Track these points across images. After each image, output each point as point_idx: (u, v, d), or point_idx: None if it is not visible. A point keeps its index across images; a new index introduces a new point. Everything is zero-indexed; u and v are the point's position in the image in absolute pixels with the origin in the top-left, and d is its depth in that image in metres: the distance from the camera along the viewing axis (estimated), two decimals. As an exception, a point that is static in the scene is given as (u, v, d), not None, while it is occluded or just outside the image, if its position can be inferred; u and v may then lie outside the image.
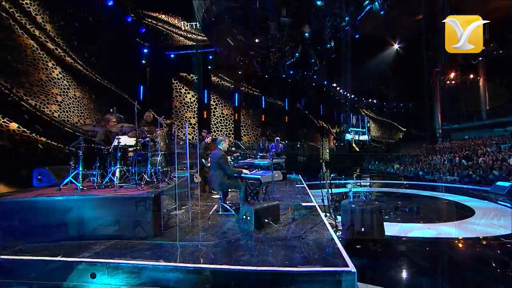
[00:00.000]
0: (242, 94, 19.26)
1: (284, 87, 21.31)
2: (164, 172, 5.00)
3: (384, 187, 10.74)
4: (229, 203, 5.68)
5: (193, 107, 17.23)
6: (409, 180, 12.98)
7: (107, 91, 11.61)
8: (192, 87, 17.15)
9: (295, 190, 7.69)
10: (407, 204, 6.84)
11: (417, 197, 7.82)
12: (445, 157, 16.67)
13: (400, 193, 9.06)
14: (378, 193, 9.41)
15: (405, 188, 10.34)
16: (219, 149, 4.75)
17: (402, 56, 25.41)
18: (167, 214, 4.40)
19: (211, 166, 4.76)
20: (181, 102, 16.89)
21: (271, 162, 4.60)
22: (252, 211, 3.90)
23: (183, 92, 16.96)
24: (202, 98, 17.65)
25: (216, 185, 4.65)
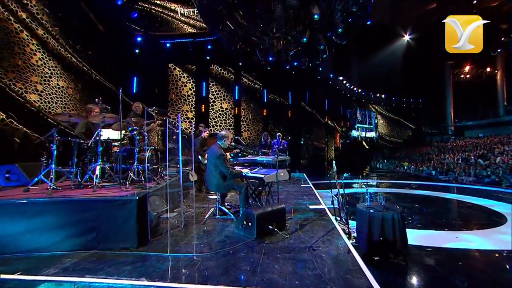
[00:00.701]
0: (243, 87, 18.67)
1: (287, 80, 20.77)
2: (154, 170, 4.59)
3: (396, 188, 10.33)
4: (227, 205, 5.34)
5: (191, 100, 16.74)
6: (422, 180, 12.56)
7: (95, 82, 11.15)
8: (190, 78, 16.64)
9: (300, 190, 7.34)
10: (426, 207, 6.41)
11: (435, 200, 7.40)
12: (459, 155, 16.22)
13: (415, 194, 8.66)
14: (389, 194, 9.00)
15: (416, 188, 9.93)
16: (218, 146, 4.34)
17: (413, 48, 24.81)
18: (157, 218, 3.99)
19: (208, 164, 4.37)
20: (177, 94, 16.39)
21: (276, 159, 4.16)
22: (253, 216, 3.48)
23: (179, 85, 16.46)
24: (200, 91, 17.13)
25: (212, 186, 4.24)
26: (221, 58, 17.21)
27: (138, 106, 5.40)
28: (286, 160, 4.77)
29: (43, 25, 8.84)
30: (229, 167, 4.24)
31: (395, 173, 16.82)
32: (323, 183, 11.63)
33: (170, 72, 16.10)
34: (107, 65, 11.60)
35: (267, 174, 4.18)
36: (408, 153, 22.69)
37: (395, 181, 12.48)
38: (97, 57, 11.04)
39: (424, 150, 21.78)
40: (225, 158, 4.20)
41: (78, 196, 3.00)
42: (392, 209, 3.57)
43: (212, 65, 17.33)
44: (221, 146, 4.35)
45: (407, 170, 17.06)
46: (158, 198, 4.19)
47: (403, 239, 3.44)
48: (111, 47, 11.87)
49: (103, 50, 11.47)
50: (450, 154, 17.39)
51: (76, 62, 10.36)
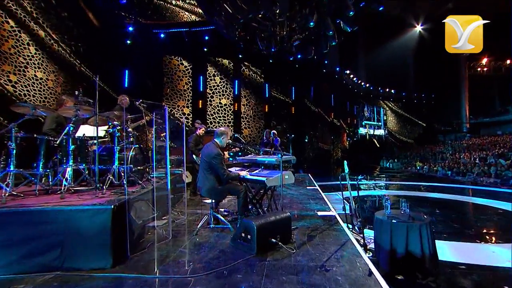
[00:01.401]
0: (243, 82, 18.24)
1: (291, 74, 20.33)
2: (140, 171, 4.17)
3: (411, 190, 9.90)
4: (224, 211, 4.93)
5: (187, 96, 16.35)
6: (437, 181, 12.10)
7: (81, 74, 10.75)
8: (186, 72, 16.23)
9: (306, 194, 6.94)
10: (449, 213, 5.97)
11: (458, 204, 6.97)
12: (475, 155, 15.73)
13: (434, 198, 8.23)
14: (404, 197, 8.59)
15: (431, 191, 9.50)
16: (214, 144, 3.92)
17: (425, 39, 24.26)
18: (141, 228, 3.58)
19: (201, 165, 3.94)
20: (172, 89, 15.99)
21: (279, 159, 3.73)
22: (253, 227, 3.06)
23: (175, 79, 16.05)
24: (197, 86, 16.72)
25: (204, 191, 3.82)
26: (220, 50, 16.84)
27: (124, 99, 4.96)
28: (291, 160, 4.33)
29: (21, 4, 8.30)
30: (226, 169, 3.82)
31: (407, 174, 16.37)
32: (330, 185, 11.26)
33: (165, 65, 15.70)
34: (95, 56, 11.21)
35: (269, 177, 3.76)
36: (420, 152, 22.23)
37: (408, 183, 12.05)
38: (85, 47, 10.66)
39: (437, 149, 21.30)
40: (222, 158, 3.78)
41: (39, 205, 2.58)
42: (419, 219, 3.14)
43: (210, 58, 16.97)
44: (218, 144, 3.93)
45: (420, 171, 16.60)
46: (145, 203, 3.78)
47: (433, 256, 3.01)
48: (101, 37, 11.48)
49: (92, 39, 11.07)
50: (466, 153, 16.92)
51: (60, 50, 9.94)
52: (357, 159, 24.43)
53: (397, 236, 3.04)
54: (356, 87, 27.26)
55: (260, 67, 18.84)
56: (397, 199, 7.43)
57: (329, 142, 23.66)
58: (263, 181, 3.73)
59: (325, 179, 13.43)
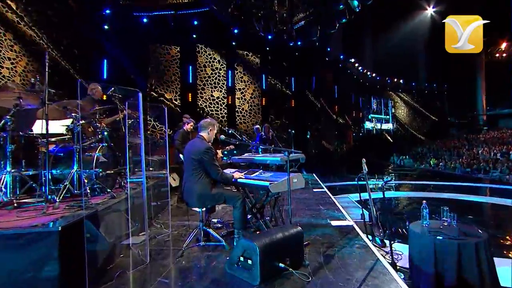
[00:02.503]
0: (238, 72, 17.78)
1: (290, 63, 19.85)
2: (111, 177, 3.57)
3: (431, 192, 9.44)
4: (217, 222, 4.39)
5: (175, 88, 15.74)
6: (458, 180, 11.64)
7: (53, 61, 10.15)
8: (174, 61, 15.62)
9: (314, 198, 6.42)
10: (487, 220, 5.47)
11: (495, 208, 6.49)
12: (496, 149, 15.33)
13: (459, 200, 7.77)
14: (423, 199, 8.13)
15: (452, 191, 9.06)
16: (201, 139, 3.37)
17: (437, 23, 23.81)
18: (109, 250, 2.99)
19: (186, 166, 3.38)
20: (158, 80, 15.38)
21: (286, 158, 3.16)
22: (256, 249, 2.50)
23: (161, 70, 15.43)
24: (186, 77, 16.12)
25: (193, 198, 3.25)
26: (211, 37, 16.33)
27: (96, 89, 4.36)
28: (300, 159, 3.76)
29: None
30: (219, 168, 3.27)
31: (422, 172, 15.97)
32: (339, 186, 10.83)
33: (150, 54, 15.08)
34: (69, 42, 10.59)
35: (273, 181, 3.20)
36: (432, 148, 21.87)
37: (426, 182, 11.60)
38: (58, 31, 10.11)
39: (451, 144, 20.95)
40: (214, 153, 3.26)
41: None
42: (473, 234, 2.59)
43: (200, 46, 16.49)
44: (206, 138, 3.37)
45: (435, 168, 16.19)
46: (119, 216, 3.21)
47: (494, 283, 2.46)
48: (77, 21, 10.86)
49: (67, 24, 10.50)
50: (485, 148, 16.54)
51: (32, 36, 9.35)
52: (363, 156, 24.03)
53: (445, 257, 2.49)
54: (361, 77, 26.90)
55: (256, 56, 18.41)
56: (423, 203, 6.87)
57: (333, 138, 23.23)
58: (266, 186, 3.16)
59: (330, 179, 13.01)
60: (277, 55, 18.85)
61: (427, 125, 30.17)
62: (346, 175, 16.41)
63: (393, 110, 30.24)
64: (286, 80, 20.14)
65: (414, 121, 30.77)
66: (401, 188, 10.77)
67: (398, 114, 30.49)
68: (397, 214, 6.49)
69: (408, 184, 11.70)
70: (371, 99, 29.14)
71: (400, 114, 30.60)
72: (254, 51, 18.14)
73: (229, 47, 17.14)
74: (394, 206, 7.37)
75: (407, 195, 8.65)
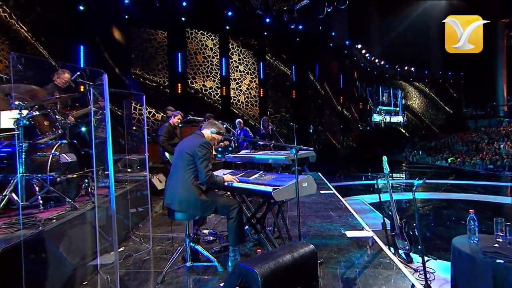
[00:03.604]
0: (233, 60, 17.41)
1: (291, 49, 19.45)
2: (72, 183, 3.10)
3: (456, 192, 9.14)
4: (209, 233, 3.98)
5: (162, 77, 15.25)
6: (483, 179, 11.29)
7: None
8: (160, 47, 15.12)
9: (322, 201, 6.06)
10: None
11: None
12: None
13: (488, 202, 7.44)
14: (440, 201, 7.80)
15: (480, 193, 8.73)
16: (200, 135, 3.03)
17: (453, 3, 23.46)
18: (70, 271, 2.55)
19: (174, 164, 2.99)
20: (143, 68, 14.86)
21: (294, 155, 2.71)
22: (257, 278, 2.05)
23: (146, 56, 14.90)
24: (174, 65, 15.61)
25: (181, 204, 2.83)
26: (202, 20, 15.86)
27: (62, 75, 3.94)
28: (309, 158, 3.33)
29: None
30: (211, 171, 2.86)
31: (438, 169, 15.72)
32: (347, 186, 10.49)
33: (133, 39, 14.53)
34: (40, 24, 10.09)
35: (277, 186, 2.75)
36: (447, 142, 21.59)
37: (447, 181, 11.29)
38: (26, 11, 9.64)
39: (469, 138, 20.69)
40: (210, 152, 2.90)
41: None
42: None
43: (190, 30, 16.01)
44: (204, 135, 3.03)
45: (452, 164, 15.90)
46: (83, 231, 2.77)
47: None
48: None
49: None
50: (507, 143, 16.24)
51: None
52: (370, 151, 23.90)
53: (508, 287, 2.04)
54: (369, 65, 26.58)
55: (253, 42, 18.08)
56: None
57: (339, 132, 22.99)
58: (269, 193, 2.71)
59: (336, 178, 12.67)
60: (276, 42, 18.49)
61: (441, 117, 29.89)
62: (354, 174, 16.11)
63: (403, 101, 29.91)
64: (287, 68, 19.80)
65: (427, 113, 30.50)
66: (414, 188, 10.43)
67: (409, 105, 30.16)
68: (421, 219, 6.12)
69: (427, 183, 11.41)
70: (379, 89, 28.82)
71: (411, 106, 30.27)
72: (250, 37, 17.79)
73: (223, 32, 16.79)
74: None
75: (423, 197, 8.32)
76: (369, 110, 28.06)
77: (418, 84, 30.27)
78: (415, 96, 30.40)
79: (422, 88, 30.19)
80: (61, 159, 2.98)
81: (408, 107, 30.11)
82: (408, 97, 30.17)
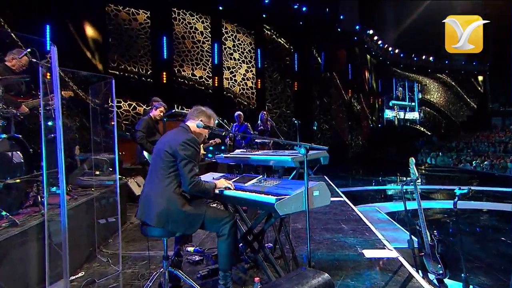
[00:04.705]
0: (226, 45, 17.43)
1: (293, 34, 19.41)
2: (12, 189, 2.78)
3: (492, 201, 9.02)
4: (195, 251, 3.75)
5: (145, 64, 15.02)
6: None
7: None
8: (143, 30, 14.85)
9: (332, 211, 5.86)
10: None
11: None
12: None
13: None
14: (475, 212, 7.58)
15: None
16: (184, 129, 2.73)
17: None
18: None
19: (151, 168, 2.71)
20: (123, 55, 14.57)
21: (304, 155, 2.41)
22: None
23: (125, 40, 14.63)
24: (159, 50, 15.51)
25: (159, 218, 2.50)
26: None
27: (20, 57, 3.75)
28: (320, 159, 3.05)
29: None
30: (197, 173, 2.57)
31: (461, 172, 15.57)
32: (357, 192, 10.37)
33: (110, 19, 14.26)
34: None
35: (281, 195, 2.43)
36: (471, 142, 21.60)
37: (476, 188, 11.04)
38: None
39: (494, 137, 20.74)
40: (197, 152, 2.60)
41: None
42: None
43: (177, 10, 15.99)
44: (189, 128, 2.73)
45: (478, 168, 15.81)
46: (27, 254, 2.48)
47: None
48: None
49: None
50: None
51: None
52: (383, 151, 23.95)
53: None
54: (381, 54, 26.63)
55: (249, 25, 18.14)
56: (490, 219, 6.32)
57: (347, 130, 23.07)
58: (271, 204, 2.37)
59: (345, 181, 12.72)
60: (276, 25, 18.60)
61: (463, 113, 29.95)
62: (364, 177, 15.93)
63: (420, 95, 29.95)
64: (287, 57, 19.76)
65: (448, 109, 30.51)
66: (432, 195, 10.24)
67: (427, 100, 30.24)
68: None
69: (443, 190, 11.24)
70: (393, 81, 28.96)
71: (429, 101, 30.34)
72: (246, 20, 17.88)
73: (216, 14, 16.83)
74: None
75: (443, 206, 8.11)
76: (380, 105, 28.33)
77: (438, 75, 30.31)
78: (433, 90, 30.59)
79: (444, 79, 30.23)
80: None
81: (425, 102, 30.23)
82: (425, 91, 30.30)
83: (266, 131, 8.17)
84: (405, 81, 29.52)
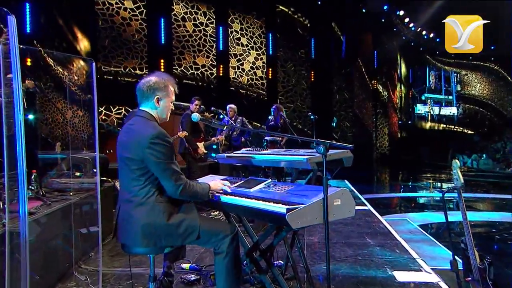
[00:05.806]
0: (232, 30, 17.66)
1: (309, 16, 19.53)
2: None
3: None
4: (190, 268, 3.71)
5: (140, 51, 15.22)
6: None
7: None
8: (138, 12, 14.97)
9: (354, 222, 5.83)
10: None
11: None
12: None
13: None
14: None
15: None
16: (143, 118, 2.48)
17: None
18: None
19: (120, 179, 2.56)
20: (115, 40, 14.73)
21: (322, 155, 2.25)
22: None
23: (117, 21, 14.78)
24: (156, 36, 15.78)
25: (131, 234, 2.39)
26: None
27: None
28: (343, 160, 2.88)
29: None
30: (181, 174, 2.42)
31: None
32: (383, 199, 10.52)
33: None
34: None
35: (295, 204, 2.27)
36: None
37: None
38: None
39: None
40: (170, 147, 2.41)
41: None
42: None
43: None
44: (154, 117, 2.51)
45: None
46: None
47: None
48: None
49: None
50: None
51: None
52: (413, 153, 23.89)
53: None
54: (413, 39, 26.40)
55: (258, 8, 18.31)
56: None
57: (371, 127, 23.08)
58: (281, 215, 2.22)
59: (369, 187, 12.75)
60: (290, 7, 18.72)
61: (509, 105, 29.59)
62: (392, 182, 15.76)
63: (458, 87, 29.61)
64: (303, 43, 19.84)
65: (493, 103, 30.21)
66: (475, 206, 9.95)
67: (467, 93, 29.88)
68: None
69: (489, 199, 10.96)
70: (426, 71, 28.70)
71: (469, 94, 30.04)
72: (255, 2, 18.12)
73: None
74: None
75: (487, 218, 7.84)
76: (411, 98, 28.26)
77: (480, 65, 29.90)
78: (475, 80, 30.10)
79: (489, 67, 29.80)
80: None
81: (465, 96, 29.85)
82: (465, 82, 29.90)
83: (277, 127, 8.05)
84: (441, 71, 29.21)
